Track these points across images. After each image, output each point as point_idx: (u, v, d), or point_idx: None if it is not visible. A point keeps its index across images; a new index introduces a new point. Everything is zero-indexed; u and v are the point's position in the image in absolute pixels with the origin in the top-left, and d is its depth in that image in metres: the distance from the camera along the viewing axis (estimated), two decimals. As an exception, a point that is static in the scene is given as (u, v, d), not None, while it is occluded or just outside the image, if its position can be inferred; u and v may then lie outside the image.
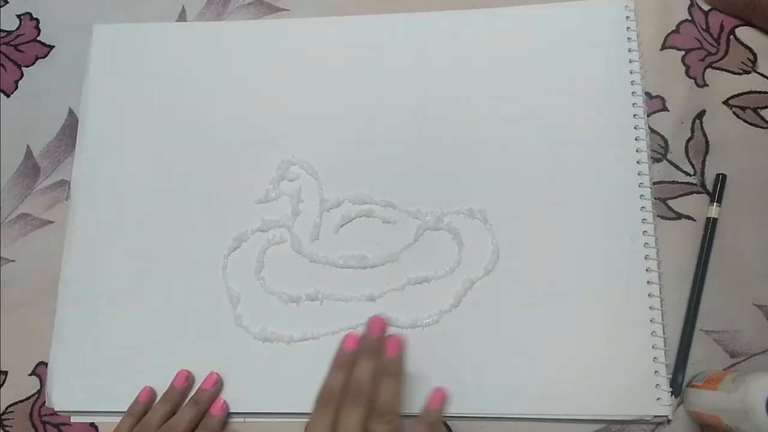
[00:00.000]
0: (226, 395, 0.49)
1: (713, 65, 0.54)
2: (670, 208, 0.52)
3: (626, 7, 0.55)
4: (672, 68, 0.55)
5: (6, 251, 0.55)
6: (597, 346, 0.48)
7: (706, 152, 0.53)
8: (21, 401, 0.52)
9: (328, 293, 0.51)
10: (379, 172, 0.54)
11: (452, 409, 0.48)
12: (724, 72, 0.54)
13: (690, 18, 0.56)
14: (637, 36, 0.55)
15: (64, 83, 0.59)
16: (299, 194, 0.54)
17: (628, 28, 0.55)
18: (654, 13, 0.56)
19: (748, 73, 0.54)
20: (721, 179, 0.51)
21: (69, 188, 0.56)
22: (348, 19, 0.58)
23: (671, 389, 0.47)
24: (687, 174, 0.52)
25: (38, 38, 0.61)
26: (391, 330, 0.50)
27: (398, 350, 0.42)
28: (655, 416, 0.47)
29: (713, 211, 0.51)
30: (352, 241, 0.52)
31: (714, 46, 0.55)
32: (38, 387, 0.52)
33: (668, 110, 0.54)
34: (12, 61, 0.60)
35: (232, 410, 0.49)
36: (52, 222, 0.55)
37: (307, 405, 0.48)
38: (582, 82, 0.54)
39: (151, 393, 0.49)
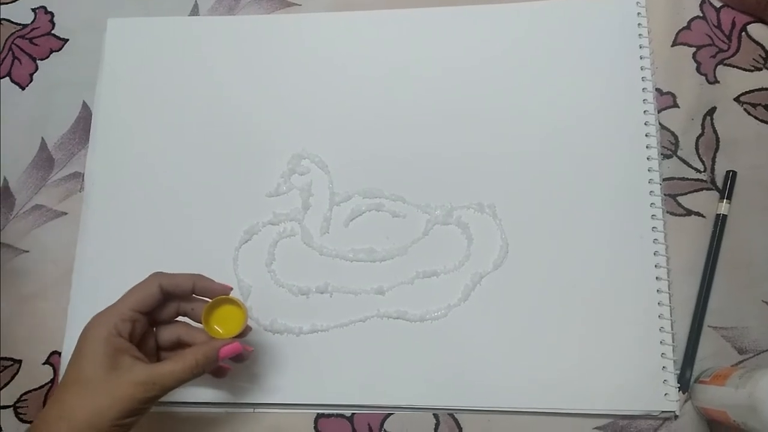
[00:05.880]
0: (236, 387, 0.50)
1: (724, 62, 0.54)
2: (679, 204, 0.52)
3: (637, 3, 0.55)
4: (683, 65, 0.54)
5: (20, 242, 0.55)
6: (605, 341, 0.48)
7: (717, 149, 0.53)
8: (35, 389, 0.52)
9: (337, 286, 0.51)
10: (389, 166, 0.54)
11: (459, 402, 0.48)
12: (735, 69, 0.54)
13: (701, 14, 0.56)
14: (648, 32, 0.55)
15: (78, 76, 0.59)
16: (310, 188, 0.54)
17: (639, 24, 0.55)
18: (665, 10, 0.56)
19: (760, 69, 0.54)
20: (731, 176, 0.51)
21: (82, 180, 0.56)
22: (359, 14, 0.58)
23: (679, 385, 0.47)
24: (697, 170, 0.52)
25: (53, 32, 0.61)
26: (400, 323, 0.50)
27: None
28: (663, 411, 0.47)
29: (723, 207, 0.51)
30: (362, 234, 0.53)
31: (725, 43, 0.55)
32: (52, 376, 0.52)
33: (679, 107, 0.54)
34: (27, 54, 0.61)
35: (241, 401, 0.50)
36: (65, 213, 0.56)
37: (316, 396, 0.49)
38: (592, 77, 0.54)
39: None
